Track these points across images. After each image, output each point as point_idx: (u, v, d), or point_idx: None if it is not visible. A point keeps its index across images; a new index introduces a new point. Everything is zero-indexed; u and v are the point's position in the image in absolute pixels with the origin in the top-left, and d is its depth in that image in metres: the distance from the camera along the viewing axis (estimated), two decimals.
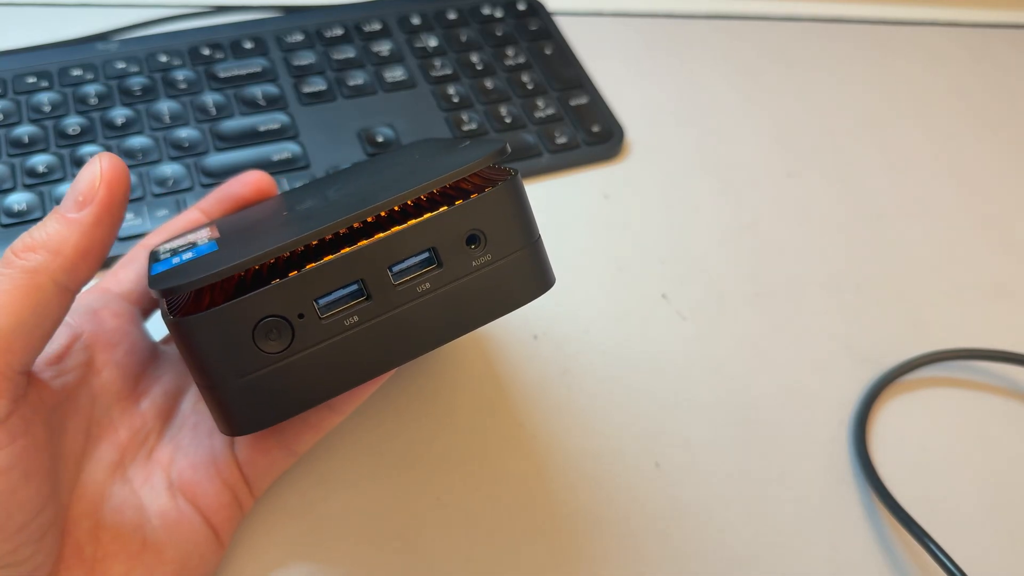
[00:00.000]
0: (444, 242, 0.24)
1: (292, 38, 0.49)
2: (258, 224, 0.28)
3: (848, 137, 0.49)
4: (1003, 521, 0.33)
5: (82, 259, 0.25)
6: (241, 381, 0.23)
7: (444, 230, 0.24)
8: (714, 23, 0.56)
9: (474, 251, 0.25)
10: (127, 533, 0.27)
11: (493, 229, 0.25)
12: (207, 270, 0.22)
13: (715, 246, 0.43)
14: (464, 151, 0.26)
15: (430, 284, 0.24)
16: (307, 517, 0.31)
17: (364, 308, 0.24)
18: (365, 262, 0.23)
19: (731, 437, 0.35)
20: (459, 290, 0.25)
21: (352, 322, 0.24)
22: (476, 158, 0.24)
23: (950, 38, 0.57)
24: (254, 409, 0.24)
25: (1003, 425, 0.37)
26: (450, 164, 0.25)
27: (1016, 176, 0.48)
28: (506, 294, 0.26)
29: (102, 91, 0.45)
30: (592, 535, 0.32)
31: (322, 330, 0.23)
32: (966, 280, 0.42)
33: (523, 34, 0.52)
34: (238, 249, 0.23)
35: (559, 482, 0.33)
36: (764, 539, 0.32)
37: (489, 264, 0.25)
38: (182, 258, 0.25)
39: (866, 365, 0.38)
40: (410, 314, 0.24)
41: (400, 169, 0.28)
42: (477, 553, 0.31)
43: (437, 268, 0.25)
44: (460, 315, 0.25)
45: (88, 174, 0.25)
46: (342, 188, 0.29)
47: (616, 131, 0.47)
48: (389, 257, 0.24)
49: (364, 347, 0.24)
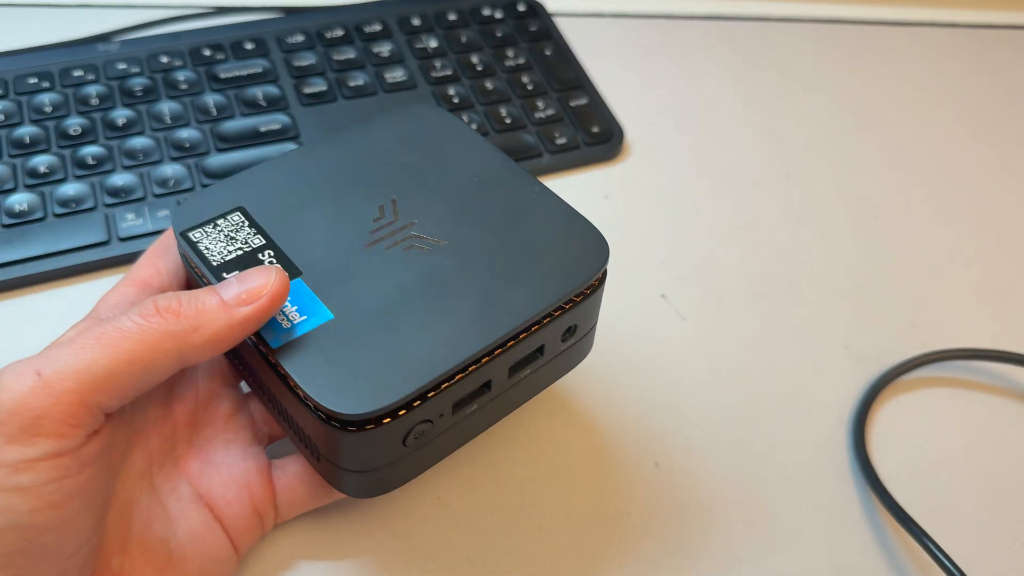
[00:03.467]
0: (550, 339, 0.28)
1: (293, 39, 0.49)
2: (346, 259, 0.28)
3: (847, 138, 0.50)
4: (1001, 520, 0.34)
5: (213, 346, 0.25)
6: (386, 468, 0.26)
7: (553, 330, 0.28)
8: (713, 24, 0.56)
9: (566, 339, 0.29)
10: (154, 546, 0.26)
11: (583, 320, 0.29)
12: (379, 379, 0.24)
13: (714, 246, 0.43)
14: (551, 211, 0.29)
15: (530, 370, 0.28)
16: (307, 517, 0.31)
17: (483, 398, 0.27)
18: (495, 367, 0.27)
19: (731, 437, 0.35)
20: (546, 368, 0.29)
21: (471, 410, 0.27)
22: (580, 251, 0.28)
23: (948, 39, 0.58)
24: (383, 484, 0.27)
25: (1002, 425, 0.37)
26: (560, 259, 0.28)
27: (1015, 176, 0.48)
28: (572, 361, 0.31)
29: (103, 92, 0.45)
30: (592, 535, 0.32)
31: (450, 421, 0.27)
32: (965, 280, 0.42)
33: (523, 35, 0.52)
34: (366, 331, 0.25)
35: (559, 482, 0.33)
36: (763, 538, 0.32)
37: (572, 344, 0.29)
38: (296, 326, 0.26)
39: (865, 365, 0.38)
40: (511, 392, 0.28)
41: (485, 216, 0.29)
42: (477, 553, 0.31)
43: (540, 357, 0.28)
44: (540, 385, 0.30)
45: (261, 278, 0.26)
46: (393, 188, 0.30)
47: (616, 132, 0.47)
48: (511, 359, 0.27)
49: (474, 424, 0.28)
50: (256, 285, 0.25)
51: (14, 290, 0.38)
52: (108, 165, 0.42)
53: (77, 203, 0.40)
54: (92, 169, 0.41)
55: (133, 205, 0.40)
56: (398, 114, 0.33)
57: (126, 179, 0.41)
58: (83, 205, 0.40)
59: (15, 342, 0.36)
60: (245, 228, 0.28)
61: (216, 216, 0.29)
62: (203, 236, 0.28)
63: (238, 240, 0.28)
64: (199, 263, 0.27)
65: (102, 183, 0.41)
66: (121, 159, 0.42)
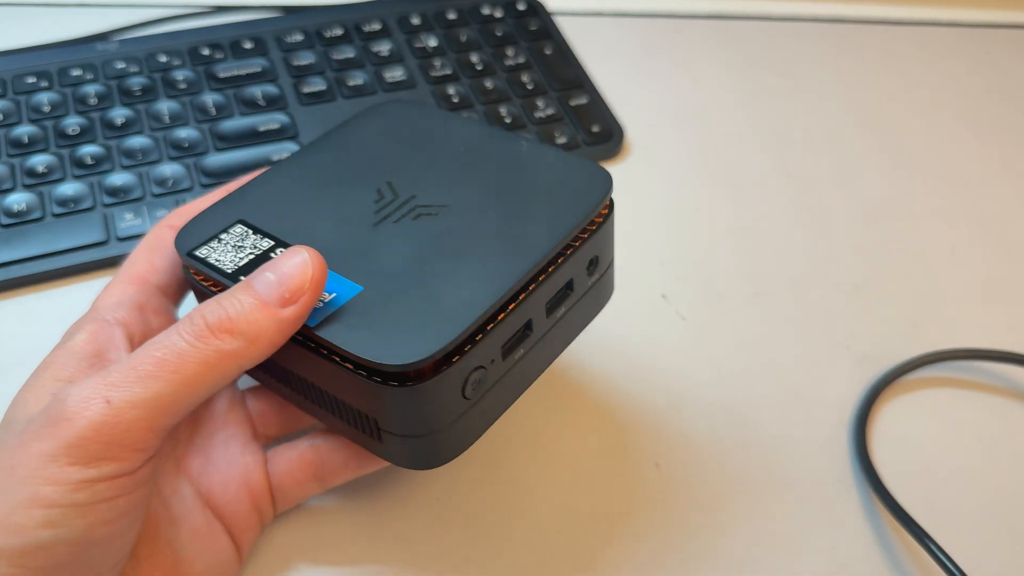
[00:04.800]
0: (577, 272, 0.28)
1: (292, 38, 0.49)
2: (359, 240, 0.27)
3: (847, 137, 0.49)
4: (1003, 521, 0.34)
5: (268, 352, 0.24)
6: (449, 428, 0.26)
7: (577, 262, 0.28)
8: (713, 23, 0.56)
9: (590, 272, 0.29)
10: (161, 549, 0.26)
11: (602, 252, 0.30)
12: (426, 328, 0.24)
13: (714, 246, 0.43)
14: (545, 158, 0.30)
15: (564, 308, 0.29)
16: (307, 517, 0.31)
17: (528, 341, 0.27)
18: (533, 305, 0.27)
19: (731, 437, 0.35)
20: (578, 307, 0.30)
21: (520, 355, 0.27)
22: (582, 183, 0.29)
23: (950, 38, 0.58)
24: (451, 447, 0.27)
25: (1003, 425, 0.37)
26: (565, 193, 0.28)
27: (1016, 176, 0.48)
28: (597, 304, 0.31)
29: (102, 91, 0.45)
30: (592, 535, 0.32)
31: (502, 368, 0.27)
32: (966, 280, 0.42)
33: (523, 34, 0.52)
34: (398, 292, 0.25)
35: (559, 482, 0.33)
36: (764, 539, 0.32)
37: (597, 280, 0.30)
38: (327, 304, 0.25)
39: (866, 365, 0.38)
40: (552, 334, 0.29)
41: (488, 173, 0.29)
42: (477, 553, 0.31)
43: (570, 292, 0.29)
44: (574, 328, 0.30)
45: (299, 269, 0.24)
46: (407, 178, 0.30)
47: (616, 131, 0.47)
48: (546, 295, 0.27)
49: (524, 370, 0.28)
50: (297, 281, 0.24)
51: (12, 290, 0.38)
52: (107, 165, 0.42)
53: (75, 203, 0.40)
54: (91, 169, 0.41)
55: (132, 205, 0.40)
56: (373, 111, 0.33)
57: (125, 179, 0.41)
58: (81, 205, 0.40)
59: (13, 342, 0.36)
60: (250, 236, 0.28)
61: (218, 232, 0.28)
62: (210, 252, 0.28)
63: (246, 247, 0.28)
64: (214, 275, 0.27)
65: (101, 183, 0.41)
66: (120, 159, 0.42)
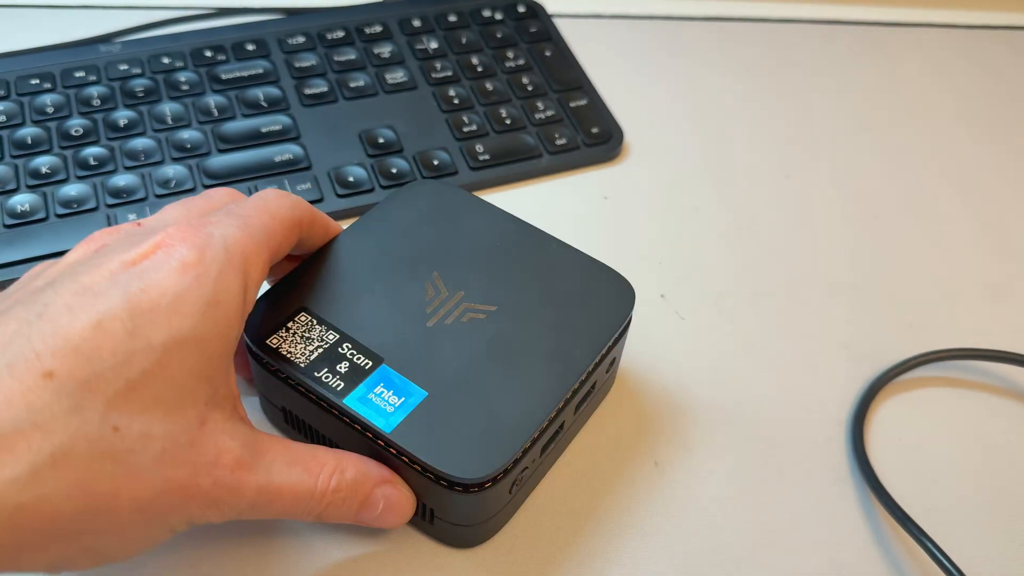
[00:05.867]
0: (600, 374, 0.32)
1: (294, 40, 0.49)
2: (415, 339, 0.30)
3: (846, 138, 0.50)
4: (1000, 520, 0.34)
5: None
6: (493, 517, 0.30)
7: (602, 368, 0.32)
8: (712, 25, 0.57)
9: (609, 370, 0.33)
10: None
11: (619, 352, 0.34)
12: (490, 444, 0.28)
13: (713, 247, 0.43)
14: (575, 262, 0.33)
15: (586, 404, 0.32)
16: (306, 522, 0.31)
17: (558, 437, 0.31)
18: (569, 410, 0.31)
19: (730, 437, 0.35)
20: (596, 398, 0.34)
21: (551, 449, 0.31)
22: (611, 295, 0.32)
23: (947, 40, 0.58)
24: (491, 530, 0.31)
25: (1000, 425, 0.37)
26: (597, 305, 0.32)
27: (1013, 177, 0.48)
28: (608, 386, 0.35)
29: (105, 93, 0.45)
30: (591, 534, 0.32)
31: (538, 463, 0.31)
32: (963, 280, 0.43)
33: (523, 36, 0.52)
34: (461, 401, 0.28)
35: (558, 481, 0.33)
36: (762, 538, 0.32)
37: (611, 373, 0.34)
38: (398, 409, 0.28)
39: (864, 364, 0.38)
40: (574, 427, 0.33)
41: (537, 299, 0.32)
42: (476, 553, 0.31)
43: (593, 391, 0.32)
44: (590, 413, 0.35)
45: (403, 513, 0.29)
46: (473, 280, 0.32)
47: (615, 132, 0.47)
48: (578, 400, 0.31)
49: (550, 460, 0.33)
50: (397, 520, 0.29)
51: None
52: (110, 166, 0.42)
53: (79, 204, 0.40)
54: (94, 170, 0.42)
55: (135, 206, 0.40)
56: (407, 193, 0.35)
57: (128, 180, 0.41)
58: (85, 206, 0.40)
59: None
60: (316, 326, 0.30)
61: (284, 320, 0.30)
62: (281, 341, 0.29)
63: (313, 339, 0.30)
64: (287, 368, 0.29)
65: (104, 184, 0.41)
66: (123, 160, 0.42)
